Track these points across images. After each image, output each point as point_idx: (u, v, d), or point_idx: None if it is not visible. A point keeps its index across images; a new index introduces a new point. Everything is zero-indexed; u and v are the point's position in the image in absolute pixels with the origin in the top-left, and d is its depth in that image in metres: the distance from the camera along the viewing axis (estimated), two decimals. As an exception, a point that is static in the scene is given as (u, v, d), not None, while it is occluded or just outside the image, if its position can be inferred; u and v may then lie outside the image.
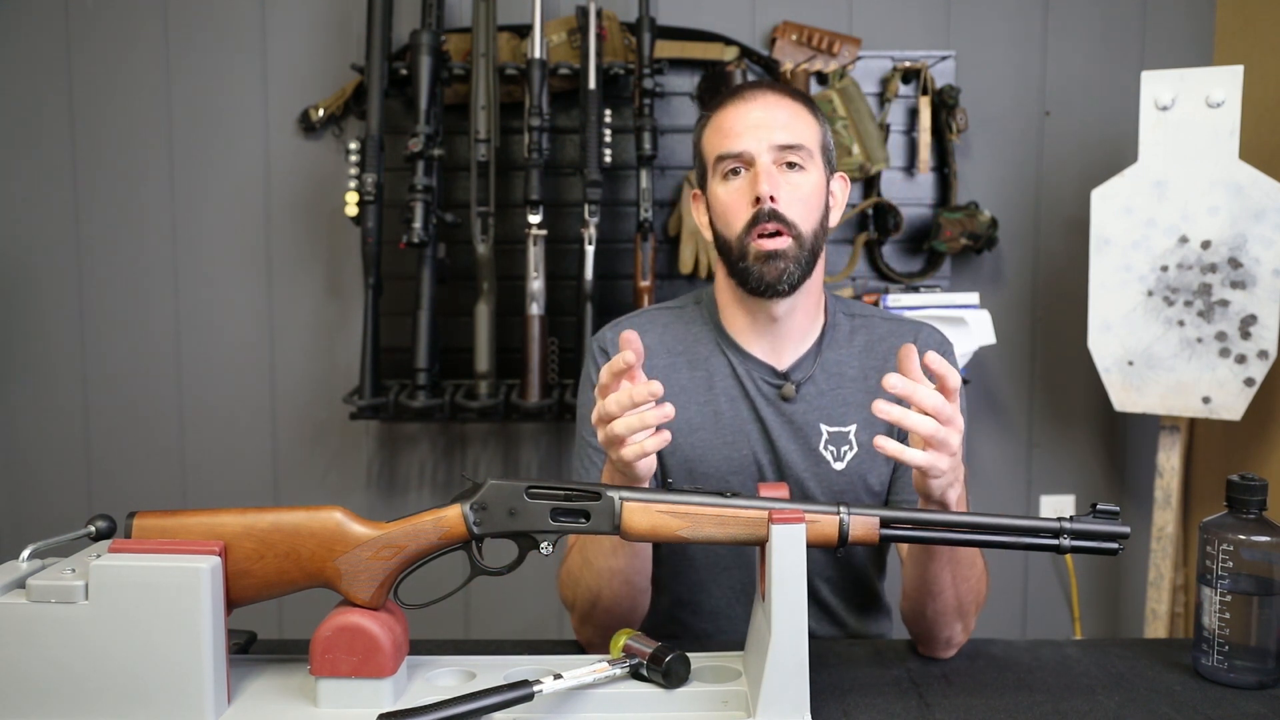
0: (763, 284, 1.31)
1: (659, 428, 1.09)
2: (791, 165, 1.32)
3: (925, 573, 1.21)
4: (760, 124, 1.31)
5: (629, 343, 1.09)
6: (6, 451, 2.48)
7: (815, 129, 1.35)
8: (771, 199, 1.29)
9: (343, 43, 2.40)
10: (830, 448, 1.38)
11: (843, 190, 1.41)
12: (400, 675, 1.06)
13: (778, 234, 1.30)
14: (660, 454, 1.39)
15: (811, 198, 1.33)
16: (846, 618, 1.46)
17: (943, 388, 1.08)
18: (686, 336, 1.43)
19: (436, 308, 2.26)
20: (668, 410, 1.08)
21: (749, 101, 1.34)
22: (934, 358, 1.08)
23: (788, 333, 1.38)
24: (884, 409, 1.06)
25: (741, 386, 1.39)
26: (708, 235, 1.40)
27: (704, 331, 1.42)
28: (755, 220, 1.30)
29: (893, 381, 1.06)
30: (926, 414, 1.07)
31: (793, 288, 1.32)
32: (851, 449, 1.38)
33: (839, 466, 1.37)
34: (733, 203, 1.33)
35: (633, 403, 1.07)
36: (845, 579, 1.45)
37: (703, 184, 1.40)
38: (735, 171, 1.33)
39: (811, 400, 1.38)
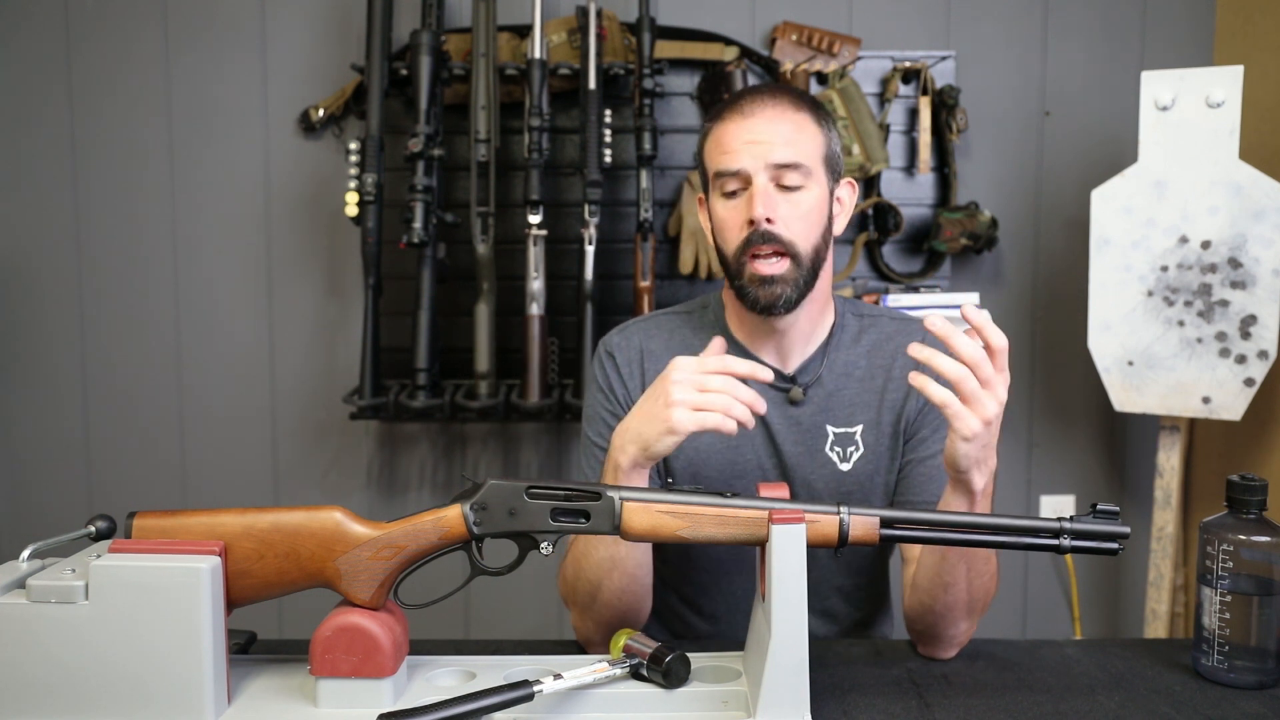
0: (759, 306, 1.31)
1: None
2: (789, 187, 1.29)
3: (942, 564, 1.20)
4: (758, 140, 1.29)
5: (717, 345, 1.21)
6: (6, 451, 2.48)
7: (818, 140, 1.32)
8: (768, 220, 1.28)
9: (343, 43, 2.40)
10: (836, 449, 1.37)
11: (850, 195, 1.39)
12: (400, 675, 1.06)
13: (774, 255, 1.29)
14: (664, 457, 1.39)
15: (811, 214, 1.30)
16: (854, 624, 1.46)
17: (986, 346, 1.08)
18: (693, 341, 1.42)
19: (436, 308, 2.26)
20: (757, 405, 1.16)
21: (747, 117, 1.30)
22: (973, 311, 1.08)
23: (793, 338, 1.38)
24: (917, 350, 1.07)
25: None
26: (710, 241, 1.40)
27: (710, 336, 1.42)
28: (750, 241, 1.29)
29: (932, 320, 1.07)
30: (964, 364, 1.07)
31: (790, 308, 1.31)
32: (858, 450, 1.37)
33: (845, 467, 1.37)
34: (730, 221, 1.32)
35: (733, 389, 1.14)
36: (858, 588, 1.44)
37: (706, 190, 1.39)
38: (733, 190, 1.31)
39: (818, 402, 1.38)
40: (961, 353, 1.06)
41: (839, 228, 1.37)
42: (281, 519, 1.04)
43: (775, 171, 1.29)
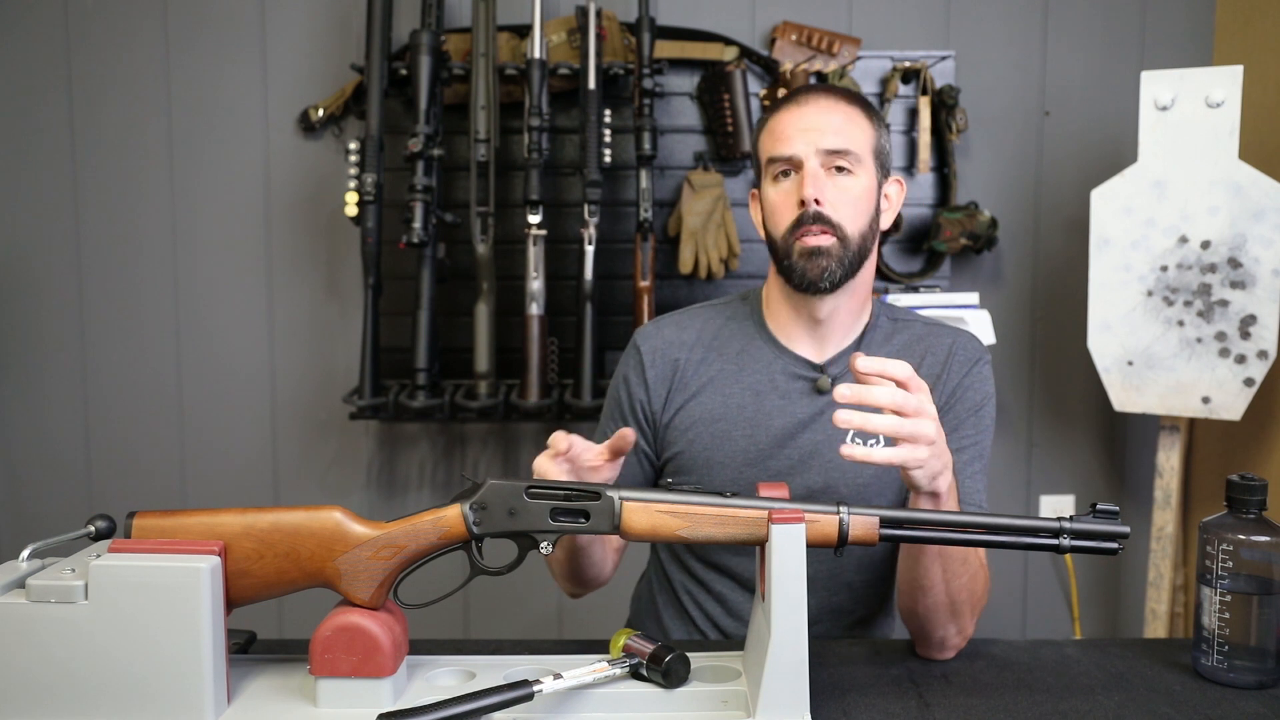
0: (805, 280, 1.35)
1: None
2: (840, 169, 1.35)
3: (916, 567, 1.23)
4: (811, 128, 1.35)
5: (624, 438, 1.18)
6: (6, 451, 2.48)
7: (868, 133, 1.37)
8: (816, 201, 1.33)
9: (343, 43, 2.40)
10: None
11: (898, 193, 1.44)
12: (400, 675, 1.06)
13: (822, 234, 1.34)
14: (680, 443, 1.42)
15: (860, 200, 1.36)
16: (858, 621, 1.46)
17: (898, 383, 1.10)
18: (724, 332, 1.47)
19: (436, 308, 2.26)
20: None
21: (802, 105, 1.37)
22: (863, 362, 1.08)
23: (830, 330, 1.41)
24: (843, 417, 1.07)
25: (773, 380, 1.41)
26: (761, 235, 1.43)
27: (744, 327, 1.46)
28: (800, 221, 1.34)
29: (842, 391, 1.08)
30: (888, 411, 1.08)
31: (834, 285, 1.35)
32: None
33: None
34: (780, 203, 1.37)
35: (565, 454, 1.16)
36: (867, 584, 1.45)
37: (759, 185, 1.44)
38: (785, 174, 1.37)
39: None
40: (881, 402, 1.08)
41: (885, 223, 1.42)
42: (281, 519, 1.04)
43: (826, 157, 1.34)
